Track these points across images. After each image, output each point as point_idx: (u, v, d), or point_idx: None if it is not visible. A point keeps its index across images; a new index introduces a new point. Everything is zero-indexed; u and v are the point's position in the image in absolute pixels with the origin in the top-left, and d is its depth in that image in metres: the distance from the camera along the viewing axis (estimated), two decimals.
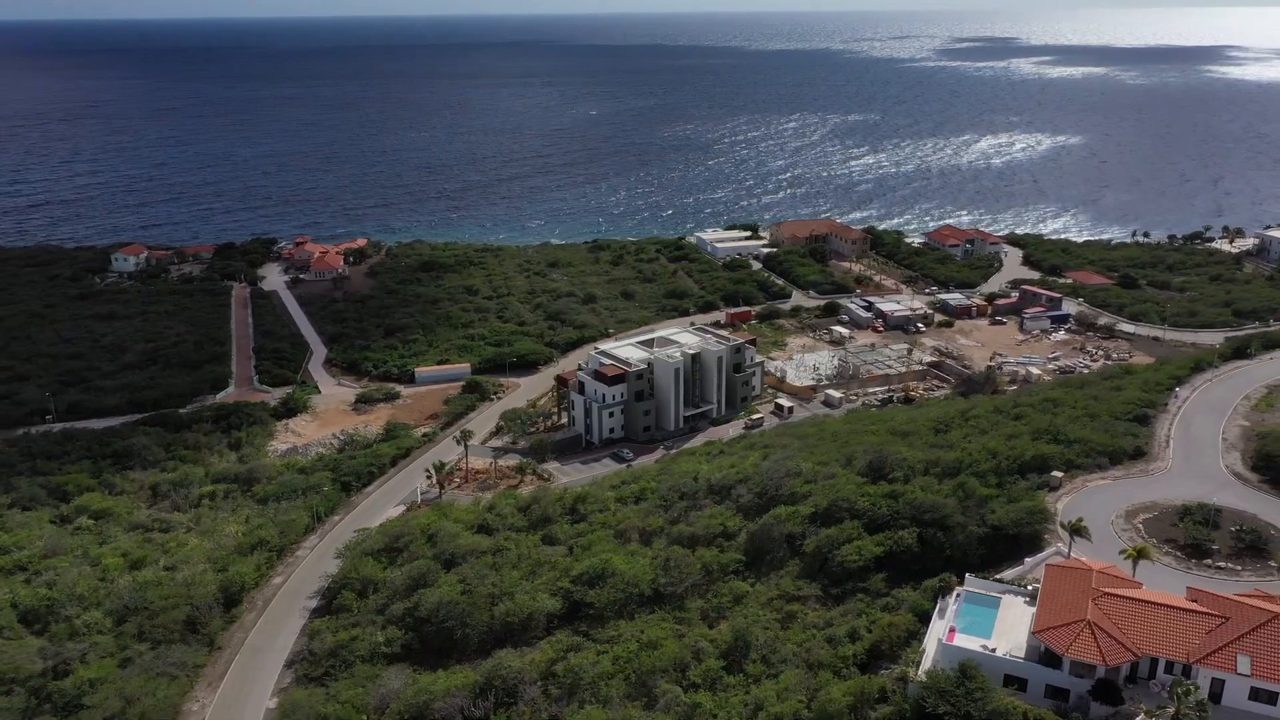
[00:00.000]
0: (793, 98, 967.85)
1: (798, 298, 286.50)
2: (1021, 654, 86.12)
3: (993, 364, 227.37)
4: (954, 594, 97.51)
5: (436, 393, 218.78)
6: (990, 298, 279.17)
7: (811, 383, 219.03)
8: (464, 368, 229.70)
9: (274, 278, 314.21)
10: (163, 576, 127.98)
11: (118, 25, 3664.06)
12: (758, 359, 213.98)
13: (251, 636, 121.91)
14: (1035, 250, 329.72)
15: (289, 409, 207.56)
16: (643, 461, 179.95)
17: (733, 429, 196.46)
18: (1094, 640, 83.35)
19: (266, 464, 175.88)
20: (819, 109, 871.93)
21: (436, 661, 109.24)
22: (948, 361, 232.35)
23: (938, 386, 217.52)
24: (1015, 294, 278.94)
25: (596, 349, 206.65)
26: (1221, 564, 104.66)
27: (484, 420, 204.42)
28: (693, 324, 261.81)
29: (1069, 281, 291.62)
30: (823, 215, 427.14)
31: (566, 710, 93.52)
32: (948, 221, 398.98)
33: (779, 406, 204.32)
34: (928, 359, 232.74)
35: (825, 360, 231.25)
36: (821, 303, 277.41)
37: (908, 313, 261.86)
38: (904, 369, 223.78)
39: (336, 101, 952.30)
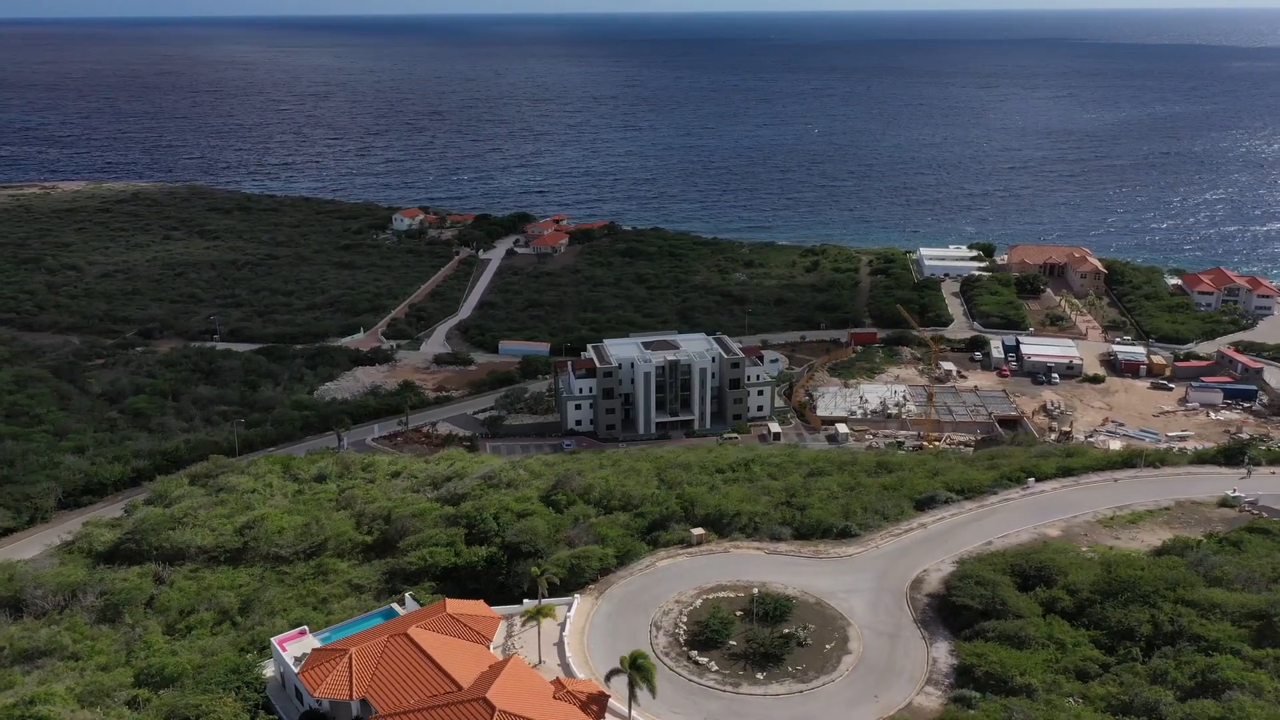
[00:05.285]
0: None
1: (957, 326, 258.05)
2: None
3: (1068, 430, 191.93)
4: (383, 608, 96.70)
5: (502, 364, 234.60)
6: (1184, 357, 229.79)
7: (844, 414, 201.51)
8: (543, 346, 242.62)
9: (502, 248, 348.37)
10: (62, 460, 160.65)
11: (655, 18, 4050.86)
12: (767, 378, 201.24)
13: (73, 520, 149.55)
14: None
15: (368, 358, 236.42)
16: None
17: (706, 444, 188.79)
18: (325, 671, 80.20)
19: (275, 397, 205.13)
20: None
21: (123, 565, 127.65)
22: (1034, 419, 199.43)
23: (974, 441, 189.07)
24: (1214, 358, 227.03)
25: (598, 343, 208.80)
26: (701, 659, 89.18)
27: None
28: (803, 337, 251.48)
29: None
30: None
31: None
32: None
33: (768, 430, 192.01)
34: (1000, 411, 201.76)
35: (879, 394, 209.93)
36: (970, 335, 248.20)
37: (1049, 360, 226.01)
38: (924, 413, 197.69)
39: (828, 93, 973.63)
